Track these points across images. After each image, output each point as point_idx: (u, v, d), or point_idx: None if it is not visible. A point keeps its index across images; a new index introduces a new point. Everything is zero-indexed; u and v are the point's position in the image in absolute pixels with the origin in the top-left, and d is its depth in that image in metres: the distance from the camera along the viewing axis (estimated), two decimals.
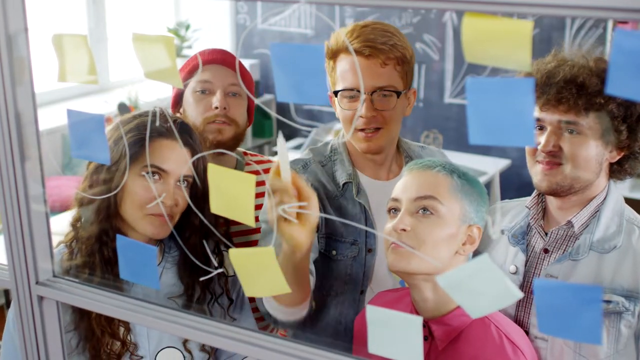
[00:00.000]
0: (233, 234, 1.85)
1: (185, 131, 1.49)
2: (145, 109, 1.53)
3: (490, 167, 4.26)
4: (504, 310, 1.47)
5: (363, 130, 1.62)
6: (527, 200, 1.55)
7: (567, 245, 1.47)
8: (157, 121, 1.42)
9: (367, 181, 1.69)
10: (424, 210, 1.37)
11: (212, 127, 1.81)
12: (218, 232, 1.59)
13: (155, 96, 4.27)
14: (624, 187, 3.91)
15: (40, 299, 1.11)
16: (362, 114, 1.59)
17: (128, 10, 5.02)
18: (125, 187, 1.43)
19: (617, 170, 1.48)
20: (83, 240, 1.46)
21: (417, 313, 1.43)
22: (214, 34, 5.28)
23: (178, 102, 1.90)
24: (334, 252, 1.65)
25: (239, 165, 1.92)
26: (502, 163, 4.52)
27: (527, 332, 1.46)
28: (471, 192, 1.40)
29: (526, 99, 0.71)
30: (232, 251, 0.95)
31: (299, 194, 1.15)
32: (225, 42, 5.32)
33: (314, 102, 0.84)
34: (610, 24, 4.08)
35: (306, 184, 1.17)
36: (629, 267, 1.40)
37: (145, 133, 1.42)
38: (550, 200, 1.50)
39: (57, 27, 4.25)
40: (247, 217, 0.92)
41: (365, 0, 0.88)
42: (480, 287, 0.80)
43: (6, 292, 3.66)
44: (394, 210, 1.42)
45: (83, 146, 1.05)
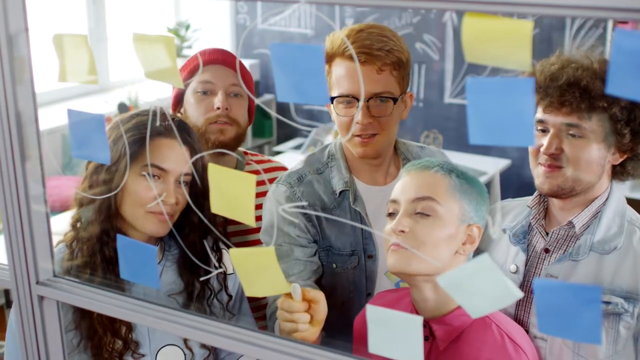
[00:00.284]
0: (230, 233, 1.86)
1: (183, 129, 1.49)
2: (142, 109, 1.53)
3: (490, 167, 4.26)
4: (504, 310, 1.47)
5: (359, 136, 1.61)
6: (529, 200, 1.55)
7: (567, 245, 1.47)
8: (157, 121, 1.42)
9: (364, 188, 1.68)
10: (422, 211, 1.37)
11: (214, 128, 1.81)
12: (217, 230, 1.59)
13: (156, 96, 4.27)
14: (624, 187, 3.90)
15: (41, 298, 1.11)
16: (359, 120, 1.58)
17: (128, 10, 5.02)
18: (125, 187, 1.43)
19: (619, 172, 1.48)
20: (84, 241, 1.46)
21: (418, 313, 1.43)
22: (214, 34, 5.28)
23: (178, 102, 1.90)
24: (335, 265, 1.66)
25: (240, 165, 1.92)
26: (502, 163, 4.52)
27: (526, 331, 1.46)
28: (470, 191, 1.40)
29: (526, 99, 0.71)
30: (233, 251, 0.95)
31: (309, 303, 1.29)
32: (225, 42, 5.32)
33: (314, 102, 0.84)
34: (610, 24, 4.08)
35: (311, 289, 1.30)
36: (629, 269, 1.40)
37: (143, 132, 1.42)
38: (552, 201, 1.50)
39: (57, 27, 4.25)
40: (247, 217, 0.92)
41: (365, 0, 0.88)
42: (480, 287, 0.80)
43: (6, 292, 3.66)
44: (392, 215, 1.42)
45: (83, 146, 1.05)
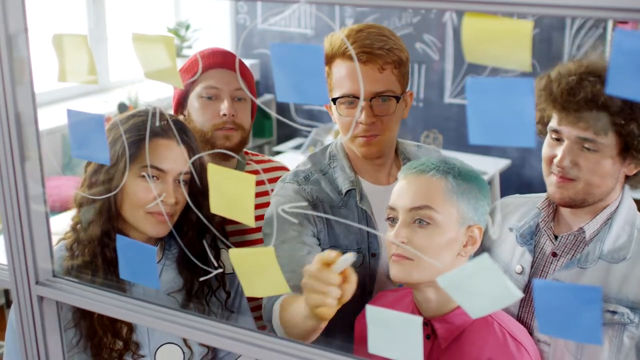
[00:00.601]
0: (229, 233, 1.86)
1: (180, 129, 1.49)
2: (139, 109, 1.53)
3: (490, 167, 4.25)
4: (507, 311, 1.47)
5: (363, 136, 1.60)
6: (538, 201, 1.52)
7: (576, 250, 1.45)
8: (157, 121, 1.42)
9: (369, 186, 1.68)
10: (420, 220, 1.36)
11: (220, 134, 1.81)
12: (215, 229, 1.59)
13: (155, 96, 4.27)
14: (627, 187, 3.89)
15: (40, 299, 1.10)
16: (362, 120, 1.57)
17: (128, 10, 5.02)
18: (124, 188, 1.43)
19: (633, 180, 1.45)
20: (85, 244, 1.46)
21: (419, 313, 1.43)
22: (214, 34, 5.27)
23: (181, 105, 1.89)
24: None
25: (240, 165, 1.92)
26: (502, 163, 4.52)
27: (530, 334, 1.45)
28: (469, 190, 1.39)
29: (526, 99, 0.71)
30: (233, 251, 0.95)
31: (343, 278, 1.19)
32: (225, 42, 5.32)
33: (314, 102, 0.84)
34: (610, 24, 4.08)
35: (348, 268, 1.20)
36: (637, 279, 1.38)
37: (141, 133, 1.42)
38: None
39: (57, 27, 4.25)
40: (247, 217, 0.92)
41: (365, 0, 0.88)
42: (480, 287, 0.80)
43: (6, 292, 3.66)
44: (392, 220, 1.41)
45: (83, 146, 1.05)
